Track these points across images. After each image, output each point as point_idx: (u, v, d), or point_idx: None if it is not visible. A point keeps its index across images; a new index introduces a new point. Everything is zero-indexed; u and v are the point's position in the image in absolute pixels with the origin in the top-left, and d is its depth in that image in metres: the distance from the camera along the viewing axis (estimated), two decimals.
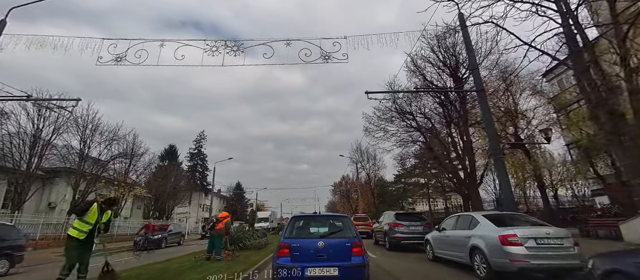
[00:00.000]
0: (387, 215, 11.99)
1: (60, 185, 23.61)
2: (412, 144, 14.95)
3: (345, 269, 4.28)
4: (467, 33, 10.18)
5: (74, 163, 22.25)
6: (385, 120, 13.15)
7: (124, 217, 30.07)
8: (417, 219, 10.94)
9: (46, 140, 20.16)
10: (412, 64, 11.97)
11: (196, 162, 49.81)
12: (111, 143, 24.20)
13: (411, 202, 47.26)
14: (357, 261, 4.40)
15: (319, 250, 4.39)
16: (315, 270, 4.23)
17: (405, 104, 12.76)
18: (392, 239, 10.46)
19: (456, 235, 6.58)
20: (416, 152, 31.83)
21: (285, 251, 4.48)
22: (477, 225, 5.97)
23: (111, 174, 26.29)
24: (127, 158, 26.38)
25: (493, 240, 5.32)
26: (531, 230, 5.20)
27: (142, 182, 31.97)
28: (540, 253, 4.94)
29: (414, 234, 10.28)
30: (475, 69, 10.08)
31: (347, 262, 4.37)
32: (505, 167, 9.29)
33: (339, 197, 53.36)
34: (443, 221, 7.66)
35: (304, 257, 4.37)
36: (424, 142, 13.87)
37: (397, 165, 43.96)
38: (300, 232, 5.06)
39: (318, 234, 4.93)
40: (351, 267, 4.34)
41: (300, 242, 4.59)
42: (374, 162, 35.46)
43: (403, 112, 12.67)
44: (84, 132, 22.52)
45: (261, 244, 10.60)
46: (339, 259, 4.35)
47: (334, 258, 4.34)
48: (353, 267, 4.34)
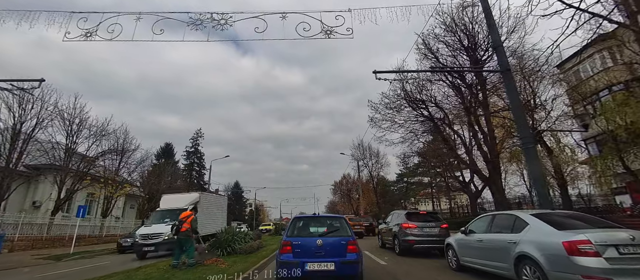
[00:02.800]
0: (397, 215, 10.60)
1: (46, 184, 22.23)
2: (425, 134, 13.51)
3: (341, 264, 4.75)
4: (488, 4, 8.83)
5: (59, 159, 20.91)
6: (394, 109, 11.74)
7: (115, 217, 28.74)
8: (431, 219, 9.52)
9: (28, 134, 18.86)
10: (424, 45, 10.58)
11: (193, 160, 48.44)
12: (100, 139, 22.88)
13: (414, 202, 45.93)
14: (351, 257, 4.86)
15: (318, 248, 4.87)
16: (314, 265, 4.71)
17: (415, 90, 11.36)
18: (403, 242, 9.09)
19: (492, 240, 5.21)
20: (420, 150, 30.67)
21: (288, 248, 4.94)
22: (525, 228, 4.60)
23: (101, 171, 25.06)
24: (117, 154, 25.05)
25: (554, 248, 3.95)
26: (608, 235, 3.82)
27: (137, 181, 30.72)
28: (626, 266, 3.57)
29: (429, 236, 8.90)
30: (498, 46, 8.73)
31: (343, 258, 4.82)
32: (538, 157, 7.92)
33: (339, 196, 51.94)
34: (471, 222, 6.27)
35: (304, 254, 4.84)
36: (436, 132, 12.42)
37: (400, 163, 42.83)
38: (301, 231, 5.46)
39: (317, 233, 5.35)
40: (346, 262, 4.79)
41: (301, 240, 5.04)
42: (376, 160, 33.94)
43: (413, 99, 11.25)
44: (71, 127, 21.24)
45: (253, 248, 9.21)
46: (335, 255, 4.82)
47: (331, 254, 4.82)
48: (348, 263, 4.80)
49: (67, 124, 20.98)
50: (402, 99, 11.39)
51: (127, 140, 25.65)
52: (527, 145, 7.74)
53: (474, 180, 23.83)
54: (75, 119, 21.27)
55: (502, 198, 9.16)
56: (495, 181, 9.13)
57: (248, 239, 10.47)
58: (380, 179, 38.23)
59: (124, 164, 26.16)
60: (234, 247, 8.48)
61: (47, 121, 19.39)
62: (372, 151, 34.16)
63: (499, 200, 9.04)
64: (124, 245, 14.37)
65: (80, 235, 22.65)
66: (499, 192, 9.05)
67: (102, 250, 15.67)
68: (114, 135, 24.22)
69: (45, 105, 19.02)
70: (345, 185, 48.18)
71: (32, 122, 18.69)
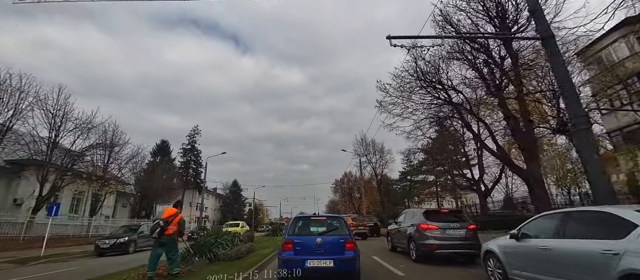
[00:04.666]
0: (411, 213, 9.03)
1: (29, 180, 20.68)
2: (442, 119, 11.89)
3: (340, 261, 5.02)
4: None
5: (41, 153, 19.44)
6: (407, 92, 10.15)
7: (105, 215, 27.26)
8: (456, 218, 7.80)
9: (6, 125, 17.41)
10: (442, 16, 9.01)
11: (189, 158, 46.87)
12: (87, 132, 21.34)
13: (418, 201, 44.38)
14: (349, 255, 5.12)
15: (317, 246, 5.12)
16: (314, 262, 4.96)
17: (432, 70, 9.75)
18: (422, 247, 7.53)
19: (571, 250, 3.63)
20: (425, 147, 29.06)
21: (289, 246, 5.20)
22: (632, 232, 3.06)
23: (89, 167, 23.60)
24: (104, 149, 23.54)
25: None
26: None
27: (128, 178, 29.28)
28: None
29: (453, 240, 7.32)
30: (536, 10, 7.19)
31: (341, 255, 5.09)
32: (593, 141, 6.39)
33: (340, 195, 50.33)
34: (526, 223, 4.70)
35: (305, 251, 5.09)
36: (458, 117, 10.80)
37: (404, 161, 41.20)
38: (302, 230, 5.62)
39: (317, 232, 5.56)
40: (345, 259, 5.06)
41: (302, 239, 5.28)
42: (381, 155, 32.17)
43: (429, 80, 9.66)
44: (54, 119, 19.77)
45: (241, 253, 7.66)
46: (334, 253, 5.08)
47: (330, 252, 5.08)
48: (346, 260, 5.07)
49: (49, 115, 19.56)
50: (416, 79, 9.82)
51: (116, 134, 24.12)
52: (579, 127, 6.19)
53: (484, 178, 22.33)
54: (58, 111, 19.84)
55: (544, 193, 7.54)
56: (534, 172, 7.53)
57: (237, 241, 8.93)
58: (383, 177, 36.60)
59: (113, 159, 24.61)
60: (216, 252, 6.95)
61: (26, 111, 18.00)
62: (377, 146, 32.36)
63: (540, 195, 7.40)
64: (102, 247, 12.84)
65: (64, 236, 21.25)
66: (539, 186, 7.43)
67: (81, 252, 14.15)
68: (102, 128, 22.69)
69: (22, 96, 17.59)
70: (346, 184, 46.58)
71: (9, 113, 17.27)
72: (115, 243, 12.92)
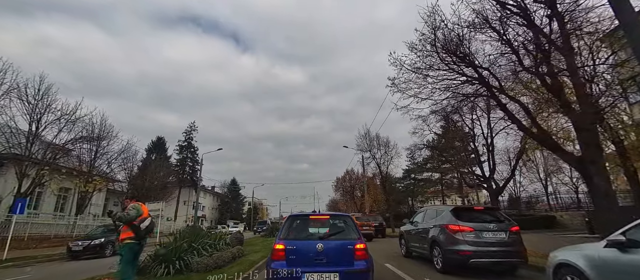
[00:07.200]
0: (434, 211, 7.42)
1: (9, 176, 19.21)
2: (468, 101, 10.24)
3: (348, 274, 3.87)
4: None
5: (20, 147, 17.94)
6: (425, 68, 8.51)
7: (93, 215, 25.76)
8: (494, 218, 6.17)
9: None
10: None
11: (186, 155, 45.36)
12: (72, 125, 19.78)
13: (422, 200, 42.84)
14: (360, 266, 3.98)
15: (318, 254, 4.00)
16: (314, 276, 3.82)
17: (455, 40, 8.12)
18: (451, 255, 5.94)
19: None
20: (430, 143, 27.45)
21: (281, 254, 4.04)
22: None
23: (75, 162, 22.12)
24: (91, 143, 22.01)
25: None
26: None
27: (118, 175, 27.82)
28: None
29: (493, 246, 5.72)
30: None
31: (350, 266, 3.95)
32: None
33: (341, 194, 48.67)
34: (635, 225, 3.13)
35: (301, 261, 3.94)
36: (485, 96, 9.13)
37: (407, 158, 39.57)
38: (298, 233, 4.51)
39: (317, 235, 4.47)
40: (354, 272, 3.92)
41: (298, 244, 4.14)
42: (386, 150, 30.41)
43: (453, 52, 8.03)
44: (34, 110, 18.25)
45: (223, 260, 6.08)
46: (340, 264, 3.94)
47: (334, 262, 3.95)
48: (356, 272, 3.93)
49: (29, 106, 18.06)
50: (435, 52, 8.20)
51: (104, 128, 22.56)
52: None
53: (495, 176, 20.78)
54: (38, 102, 18.32)
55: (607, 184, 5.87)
56: (594, 156, 5.84)
57: (222, 244, 7.35)
58: (387, 174, 34.96)
59: (101, 154, 23.08)
60: (189, 260, 5.39)
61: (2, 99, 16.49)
62: (381, 140, 30.56)
63: (603, 188, 5.71)
64: (74, 250, 11.30)
65: (46, 236, 19.80)
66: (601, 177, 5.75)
67: (53, 255, 12.60)
68: (87, 120, 21.11)
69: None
70: (347, 182, 44.97)
71: None
72: (89, 245, 11.40)
